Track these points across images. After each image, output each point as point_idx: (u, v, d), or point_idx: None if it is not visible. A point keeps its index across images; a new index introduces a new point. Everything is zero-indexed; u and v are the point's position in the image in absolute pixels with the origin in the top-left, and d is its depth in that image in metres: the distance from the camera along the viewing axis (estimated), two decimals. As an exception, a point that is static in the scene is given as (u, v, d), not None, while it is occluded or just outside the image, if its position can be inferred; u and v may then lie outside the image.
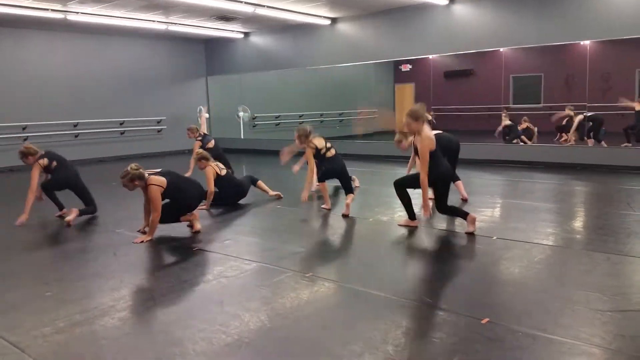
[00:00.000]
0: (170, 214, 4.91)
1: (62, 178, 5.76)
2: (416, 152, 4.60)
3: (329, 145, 5.88)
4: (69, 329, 2.88)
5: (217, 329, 2.82)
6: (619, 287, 3.27)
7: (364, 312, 2.99)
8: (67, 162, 5.85)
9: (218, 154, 7.62)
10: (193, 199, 5.08)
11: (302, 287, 3.43)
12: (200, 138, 8.37)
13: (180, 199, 4.90)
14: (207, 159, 6.18)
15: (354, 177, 6.99)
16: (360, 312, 2.99)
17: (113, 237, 5.02)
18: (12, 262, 4.28)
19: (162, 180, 4.75)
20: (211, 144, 8.29)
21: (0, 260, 4.36)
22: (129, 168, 4.69)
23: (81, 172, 5.66)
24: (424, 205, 4.49)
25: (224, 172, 6.25)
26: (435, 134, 4.93)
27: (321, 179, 5.87)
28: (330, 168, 5.83)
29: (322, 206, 5.92)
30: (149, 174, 4.76)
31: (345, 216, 5.45)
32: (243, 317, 2.96)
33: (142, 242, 4.67)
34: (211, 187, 6.03)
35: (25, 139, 11.38)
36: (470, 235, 4.51)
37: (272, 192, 6.59)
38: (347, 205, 5.56)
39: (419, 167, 4.47)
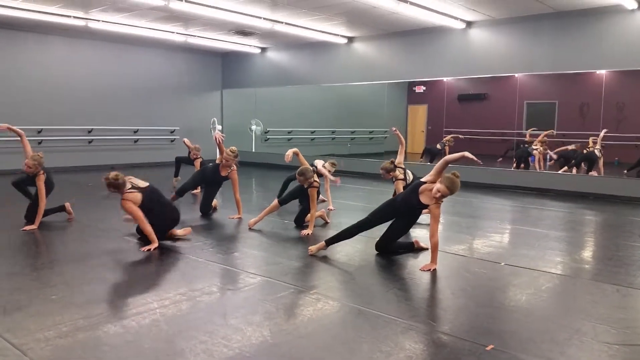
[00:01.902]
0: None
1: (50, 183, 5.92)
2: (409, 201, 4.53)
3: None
4: (72, 334, 2.89)
5: (219, 341, 2.81)
6: (628, 320, 3.21)
7: (368, 333, 2.96)
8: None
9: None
10: (163, 224, 4.99)
11: (306, 304, 3.41)
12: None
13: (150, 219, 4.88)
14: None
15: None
16: (364, 333, 2.97)
17: (120, 244, 5.04)
18: (18, 264, 4.31)
19: (137, 197, 4.78)
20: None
21: (7, 261, 4.39)
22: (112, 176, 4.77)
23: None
24: (431, 266, 4.28)
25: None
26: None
27: None
28: None
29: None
30: (131, 188, 4.79)
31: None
32: (245, 331, 2.95)
33: (148, 250, 4.69)
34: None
35: (40, 142, 11.53)
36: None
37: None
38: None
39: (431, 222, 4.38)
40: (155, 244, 4.75)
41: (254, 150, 14.49)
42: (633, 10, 8.07)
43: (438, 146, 12.57)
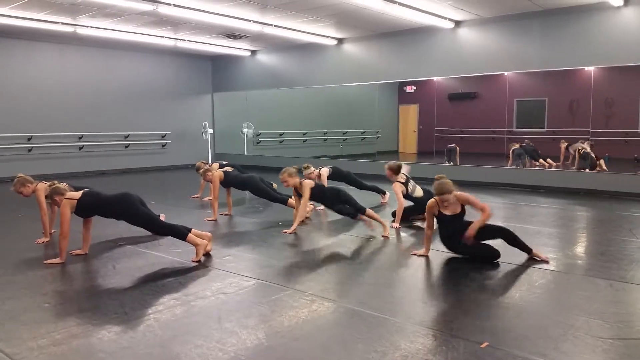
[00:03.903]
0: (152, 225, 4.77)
1: None
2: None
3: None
4: (66, 341, 2.87)
5: (214, 345, 2.80)
6: (621, 315, 3.24)
7: (363, 333, 2.96)
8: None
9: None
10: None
11: (301, 306, 3.41)
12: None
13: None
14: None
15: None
16: (359, 333, 2.97)
17: (113, 250, 5.02)
18: (10, 273, 4.27)
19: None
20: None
21: None
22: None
23: (84, 184, 5.64)
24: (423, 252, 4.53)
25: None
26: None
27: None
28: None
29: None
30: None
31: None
32: (240, 335, 2.94)
33: (51, 263, 4.47)
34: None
35: (30, 149, 11.46)
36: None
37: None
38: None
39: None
40: (61, 260, 4.52)
41: (245, 153, 14.48)
42: (619, 7, 8.15)
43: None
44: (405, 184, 6.23)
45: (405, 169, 6.50)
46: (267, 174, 12.01)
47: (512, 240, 4.53)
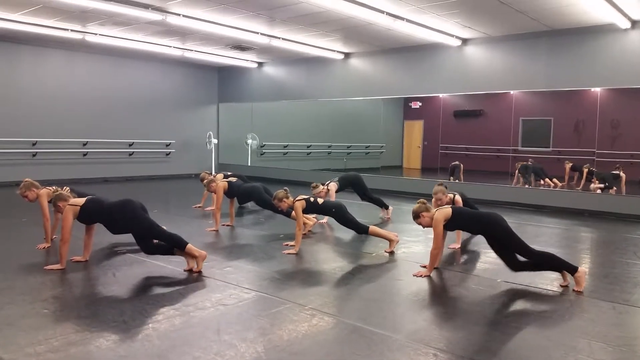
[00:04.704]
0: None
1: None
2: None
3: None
4: (64, 348, 2.84)
5: (212, 357, 2.77)
6: (624, 338, 3.20)
7: (362, 350, 2.93)
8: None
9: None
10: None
11: (300, 320, 3.38)
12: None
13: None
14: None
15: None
16: (359, 350, 2.93)
17: (114, 258, 5.01)
18: (10, 278, 4.26)
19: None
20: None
21: None
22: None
23: (87, 191, 5.63)
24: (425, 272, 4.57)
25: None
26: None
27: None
28: None
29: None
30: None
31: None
32: (239, 347, 2.91)
33: (51, 269, 4.48)
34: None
35: (34, 154, 11.50)
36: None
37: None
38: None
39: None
40: (61, 266, 4.52)
41: (249, 164, 14.49)
42: (626, 30, 8.17)
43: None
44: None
45: None
46: (270, 185, 12.01)
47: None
